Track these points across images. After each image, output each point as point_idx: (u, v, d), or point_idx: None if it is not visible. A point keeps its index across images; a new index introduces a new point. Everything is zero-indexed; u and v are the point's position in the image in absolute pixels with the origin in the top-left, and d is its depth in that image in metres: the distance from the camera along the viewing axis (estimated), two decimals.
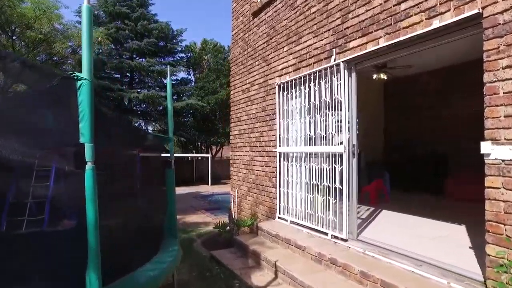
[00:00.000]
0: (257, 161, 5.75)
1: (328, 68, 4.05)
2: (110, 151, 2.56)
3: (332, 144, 3.99)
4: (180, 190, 16.68)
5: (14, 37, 16.95)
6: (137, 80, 24.36)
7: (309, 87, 4.44)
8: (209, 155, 22.00)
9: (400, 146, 7.79)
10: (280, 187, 5.06)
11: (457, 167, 6.63)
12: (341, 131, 3.87)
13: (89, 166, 1.66)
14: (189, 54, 27.01)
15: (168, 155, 3.37)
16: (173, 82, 25.37)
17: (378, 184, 5.94)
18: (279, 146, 5.08)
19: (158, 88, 23.29)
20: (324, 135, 4.13)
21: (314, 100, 4.33)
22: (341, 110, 3.86)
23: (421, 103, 7.51)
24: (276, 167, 5.13)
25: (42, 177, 3.85)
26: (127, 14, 22.87)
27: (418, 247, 3.29)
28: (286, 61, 4.96)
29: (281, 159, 5.05)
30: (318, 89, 4.26)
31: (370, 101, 7.73)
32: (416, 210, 4.98)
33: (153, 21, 24.11)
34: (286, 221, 4.84)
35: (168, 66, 3.80)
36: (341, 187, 3.84)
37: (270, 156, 5.32)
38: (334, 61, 3.97)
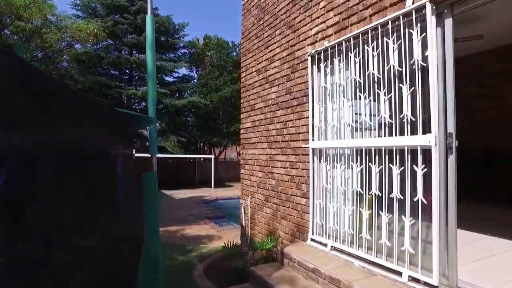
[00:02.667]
0: (278, 161, 4.33)
1: (400, 17, 2.64)
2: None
3: (408, 134, 2.57)
4: (180, 194, 15.27)
5: (5, 30, 15.83)
6: (136, 77, 23.03)
7: (363, 51, 3.03)
8: (212, 156, 20.57)
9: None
10: (313, 197, 3.64)
11: None
12: (426, 113, 2.46)
13: None
14: (192, 50, 25.69)
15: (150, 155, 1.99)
16: (175, 79, 24.07)
17: None
18: (313, 140, 3.66)
19: (159, 86, 21.95)
20: (393, 122, 2.72)
21: (373, 70, 2.91)
22: (423, 81, 2.45)
23: (479, 90, 6.06)
24: (307, 170, 3.72)
25: None
26: (126, 7, 21.61)
27: None
28: (324, 21, 3.55)
29: (316, 158, 3.63)
30: (380, 52, 2.85)
31: None
32: (508, 230, 3.53)
33: (154, 15, 22.83)
34: (325, 246, 3.42)
35: None
36: (425, 201, 2.42)
37: (299, 155, 3.91)
38: (412, 4, 2.55)
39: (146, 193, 1.77)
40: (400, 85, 2.62)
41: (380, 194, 2.82)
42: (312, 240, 3.64)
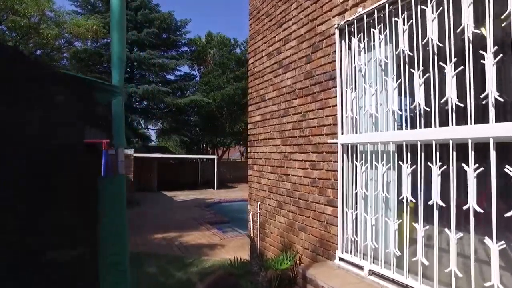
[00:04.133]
0: (295, 160, 3.59)
1: None
2: None
3: (492, 121, 1.82)
4: (182, 196, 14.56)
5: (1, 25, 15.32)
6: (138, 76, 22.34)
7: (417, 14, 2.28)
8: (215, 157, 19.85)
9: None
10: (343, 205, 2.90)
11: None
12: None
13: None
14: (193, 48, 25.00)
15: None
16: (176, 78, 23.37)
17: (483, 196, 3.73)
18: (342, 134, 2.92)
19: (160, 84, 21.26)
20: (465, 105, 1.96)
21: (433, 36, 2.16)
22: None
23: None
24: (334, 171, 2.97)
25: None
26: (126, 3, 20.92)
27: None
28: None
29: (346, 156, 2.89)
30: (445, 12, 2.10)
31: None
32: None
33: (155, 11, 22.17)
34: (360, 268, 2.67)
35: None
36: None
37: (322, 152, 3.17)
38: None
39: (106, 212, 1.04)
40: (482, 52, 1.87)
41: (444, 205, 2.07)
42: (341, 259, 2.89)
